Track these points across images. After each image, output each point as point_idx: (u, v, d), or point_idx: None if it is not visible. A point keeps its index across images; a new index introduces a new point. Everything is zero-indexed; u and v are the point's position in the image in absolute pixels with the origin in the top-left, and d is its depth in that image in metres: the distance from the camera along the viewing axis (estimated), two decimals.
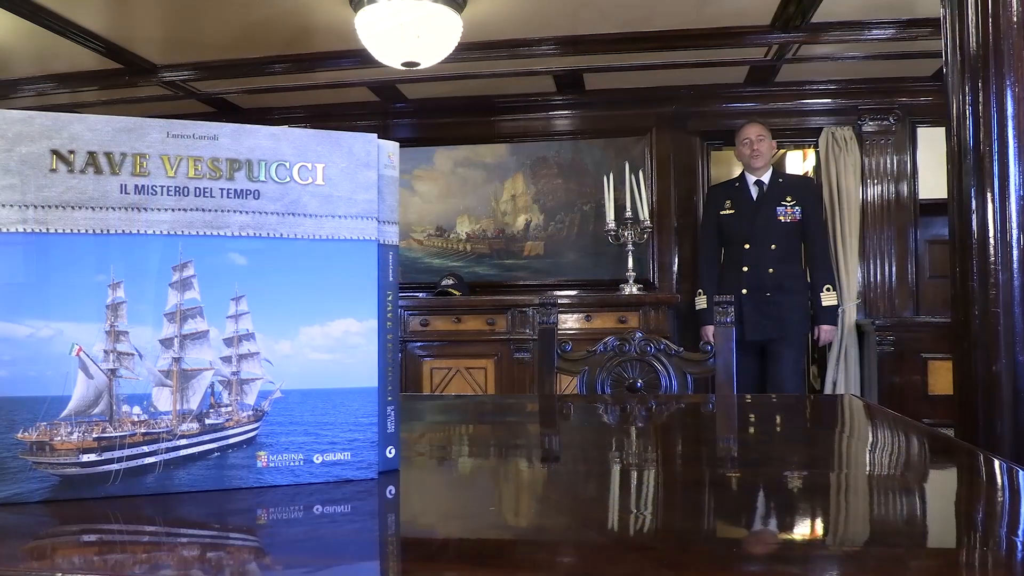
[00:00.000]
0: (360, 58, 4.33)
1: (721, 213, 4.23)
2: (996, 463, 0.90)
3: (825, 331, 4.18)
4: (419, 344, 4.63)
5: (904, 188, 5.05)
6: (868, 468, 0.93)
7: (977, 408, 1.55)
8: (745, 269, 4.05)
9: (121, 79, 4.87)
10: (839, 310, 4.35)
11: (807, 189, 4.30)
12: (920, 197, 5.01)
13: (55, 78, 4.97)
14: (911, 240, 5.03)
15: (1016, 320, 1.52)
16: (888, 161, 5.05)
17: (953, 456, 1.01)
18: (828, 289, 4.12)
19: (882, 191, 5.04)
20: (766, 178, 4.20)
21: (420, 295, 5.22)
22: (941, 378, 4.38)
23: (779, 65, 4.78)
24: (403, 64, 3.94)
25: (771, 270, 4.02)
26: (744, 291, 3.98)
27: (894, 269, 5.00)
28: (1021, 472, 0.83)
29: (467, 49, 4.20)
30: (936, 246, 5.08)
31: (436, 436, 1.16)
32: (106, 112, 5.58)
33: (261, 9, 3.98)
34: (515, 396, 2.74)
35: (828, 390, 4.79)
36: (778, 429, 1.23)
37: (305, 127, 5.86)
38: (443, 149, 5.54)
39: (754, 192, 4.18)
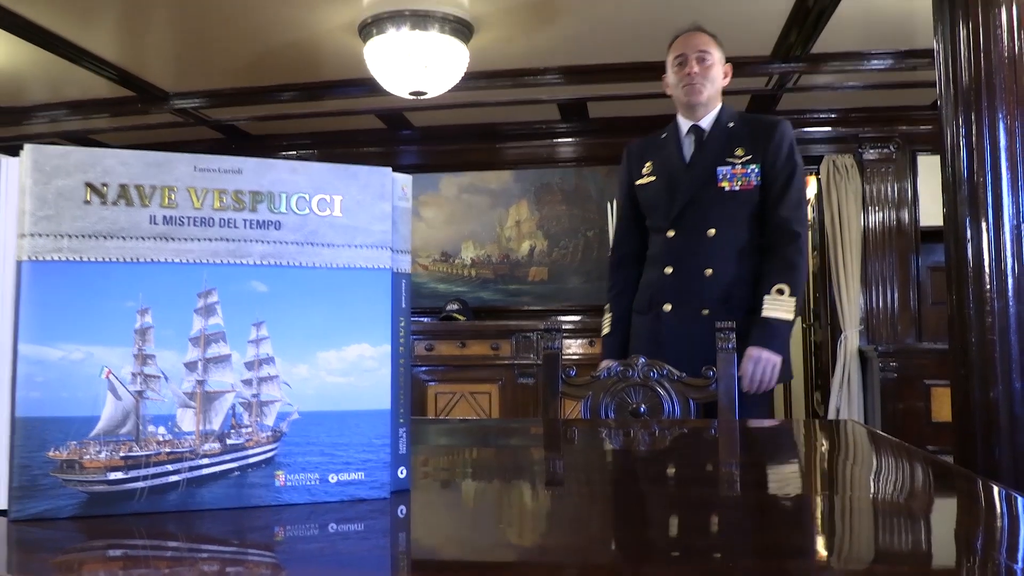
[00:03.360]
0: (368, 87, 4.41)
1: (637, 183, 2.49)
2: (995, 489, 0.91)
3: (759, 360, 2.20)
4: (424, 369, 4.66)
5: (905, 215, 5.10)
6: (863, 492, 0.95)
7: (975, 434, 1.57)
8: (668, 271, 2.35)
9: (133, 106, 4.96)
10: (787, 327, 2.27)
11: (771, 134, 2.32)
12: (921, 224, 5.06)
13: (68, 105, 5.06)
14: (913, 266, 5.07)
15: (1012, 347, 1.55)
16: (889, 188, 5.11)
17: (951, 482, 1.02)
18: (780, 292, 2.23)
19: (883, 218, 5.08)
20: (707, 122, 2.41)
21: (425, 320, 5.26)
22: (944, 404, 4.38)
23: (780, 94, 4.85)
24: (411, 93, 4.01)
25: (708, 271, 2.31)
26: (666, 307, 2.34)
27: (896, 295, 5.03)
28: (1020, 498, 0.84)
29: (473, 78, 4.28)
30: (938, 272, 5.11)
31: (444, 458, 1.19)
32: (118, 138, 5.69)
33: (272, 39, 4.07)
34: (520, 420, 2.77)
35: (832, 417, 4.79)
36: (776, 454, 1.25)
37: (313, 153, 5.98)
38: (449, 175, 5.62)
39: (687, 146, 2.42)
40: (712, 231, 2.32)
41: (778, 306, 2.22)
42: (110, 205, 0.73)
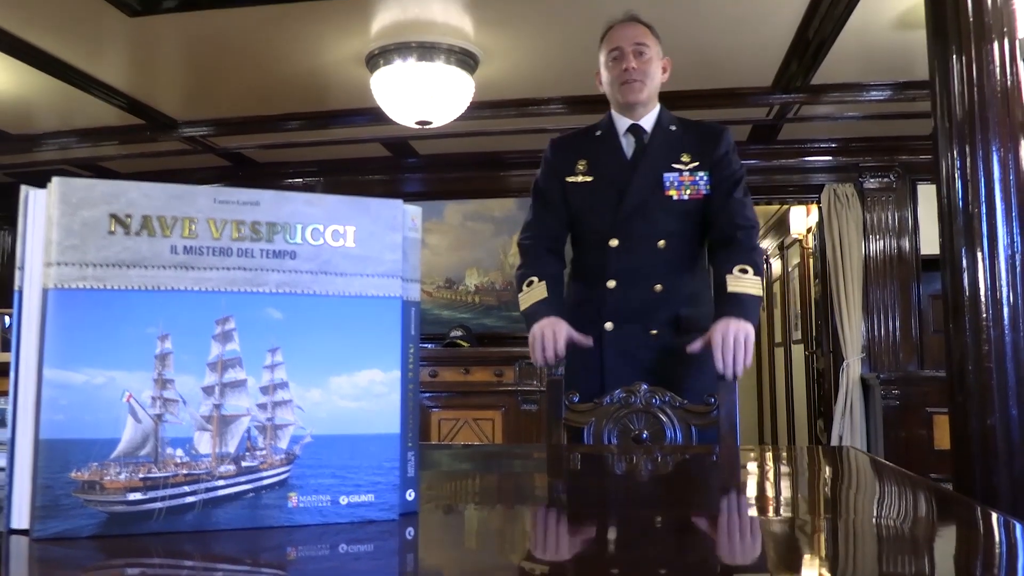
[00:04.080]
0: (374, 115, 4.48)
1: (568, 180, 2.18)
2: (993, 516, 0.92)
3: (727, 329, 1.88)
4: (428, 395, 4.67)
5: (906, 243, 5.13)
6: (860, 518, 0.97)
7: (973, 461, 1.59)
8: (611, 285, 2.09)
9: (142, 134, 5.03)
10: (756, 302, 2.00)
11: (718, 141, 2.13)
12: (922, 252, 5.09)
13: (77, 133, 5.13)
14: (914, 294, 5.09)
15: (1008, 375, 1.57)
16: (889, 217, 5.15)
17: (949, 508, 1.03)
18: (743, 272, 1.99)
19: (884, 246, 5.12)
20: (649, 121, 2.17)
21: (429, 346, 5.28)
22: (947, 432, 4.37)
23: (781, 124, 4.91)
24: (417, 123, 4.08)
25: (658, 287, 2.08)
26: (608, 325, 2.09)
27: (898, 323, 5.05)
28: (1018, 525, 0.85)
29: (478, 107, 4.34)
30: (939, 301, 5.10)
31: (450, 482, 1.21)
32: (126, 165, 5.76)
33: (280, 69, 4.14)
34: (524, 446, 2.79)
35: (835, 445, 4.79)
36: (772, 479, 1.27)
37: (319, 180, 6.02)
38: (453, 203, 5.67)
39: (627, 146, 2.17)
40: (662, 243, 2.08)
41: (743, 283, 1.97)
42: (133, 235, 0.76)
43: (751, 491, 1.18)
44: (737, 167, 2.12)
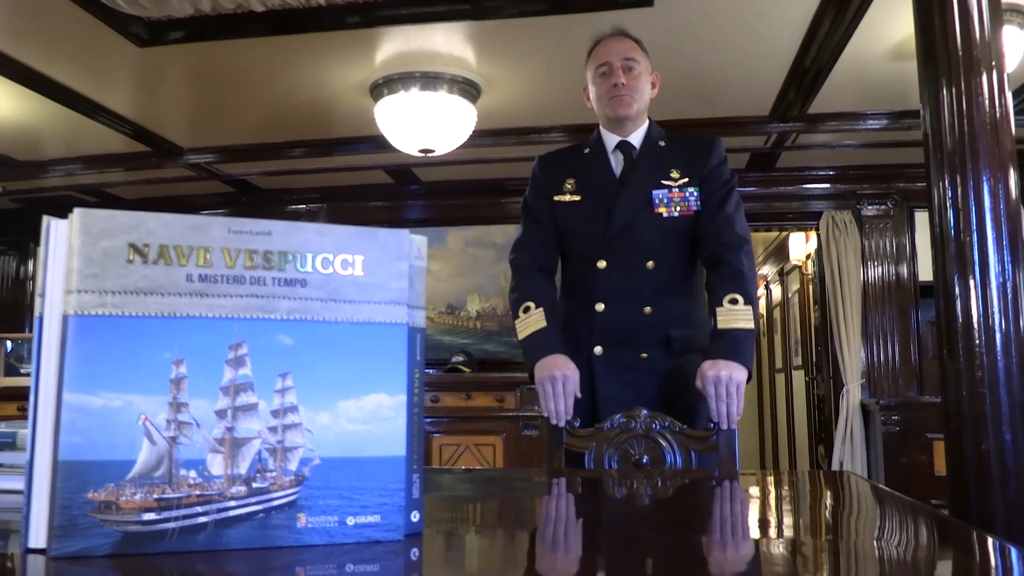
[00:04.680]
0: (377, 143, 4.54)
1: (556, 199, 2.14)
2: (989, 540, 0.94)
3: (718, 377, 1.81)
4: (429, 420, 4.68)
5: (904, 270, 5.17)
6: (856, 542, 0.99)
7: (969, 485, 1.61)
8: (600, 308, 2.05)
9: (148, 161, 5.09)
10: (749, 337, 1.92)
11: (708, 154, 2.08)
12: (920, 279, 5.12)
13: (84, 159, 5.19)
14: (913, 321, 5.12)
15: (1002, 400, 1.60)
16: (887, 244, 5.19)
17: (945, 532, 1.04)
18: (733, 302, 1.93)
19: (882, 273, 5.15)
20: (638, 137, 2.13)
21: (431, 371, 5.29)
22: None
23: (779, 152, 4.97)
24: (420, 151, 4.13)
25: (647, 309, 2.03)
26: (597, 349, 2.05)
27: (897, 349, 5.07)
28: (1013, 549, 0.86)
29: (480, 135, 4.41)
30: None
31: (454, 504, 1.23)
32: (131, 191, 5.82)
33: (285, 98, 4.20)
34: (525, 470, 2.80)
35: (835, 470, 4.78)
36: (770, 503, 1.29)
37: (322, 207, 6.07)
38: (454, 229, 5.72)
39: (616, 163, 2.13)
40: (651, 263, 2.03)
41: (733, 316, 1.90)
42: (151, 264, 0.79)
43: (749, 515, 1.20)
44: (727, 177, 2.06)
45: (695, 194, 2.03)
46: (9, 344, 5.05)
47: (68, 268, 0.78)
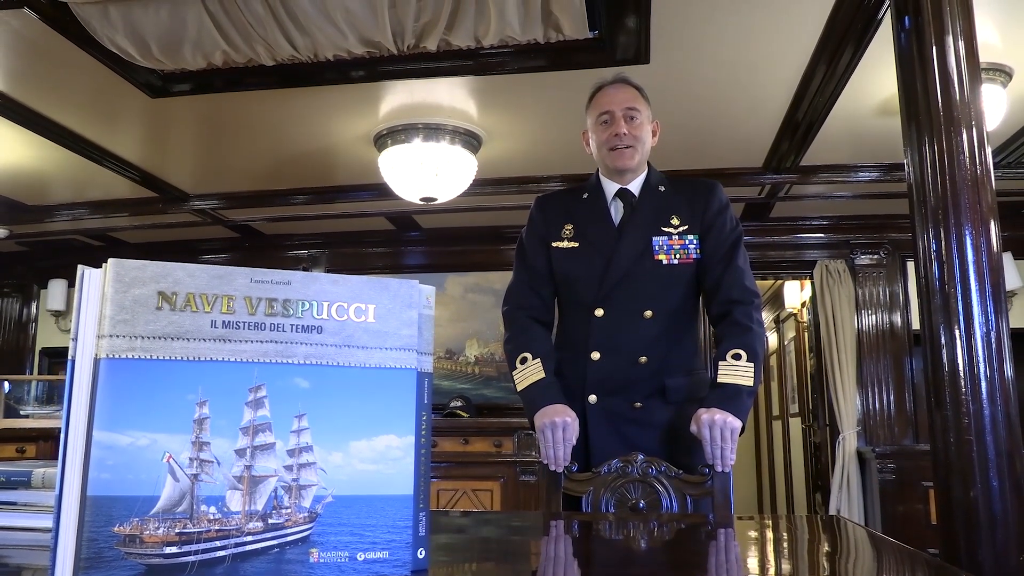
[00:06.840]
0: (379, 191, 4.63)
1: (554, 245, 2.14)
2: None
3: (713, 422, 1.82)
4: None
5: (897, 318, 5.23)
6: None
7: (958, 532, 1.64)
8: (595, 357, 2.03)
9: (154, 206, 5.17)
10: (748, 393, 1.91)
11: (709, 200, 2.09)
12: (913, 328, 5.18)
13: (90, 204, 5.26)
14: (907, 368, 5.16)
15: (988, 447, 1.64)
16: (881, 292, 5.26)
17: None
18: (736, 358, 1.93)
19: (876, 321, 5.21)
20: (637, 185, 2.13)
21: None
22: None
23: (773, 202, 5.07)
24: (421, 199, 4.22)
25: (643, 359, 2.02)
26: (592, 398, 2.02)
27: (892, 397, 5.10)
28: None
29: (480, 184, 4.50)
30: None
31: (458, 542, 1.26)
32: (136, 235, 5.89)
33: (290, 148, 4.31)
34: (524, 513, 2.81)
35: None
36: (764, 548, 1.33)
37: (323, 252, 6.13)
38: (454, 276, 5.79)
39: (615, 212, 2.13)
40: (649, 312, 2.01)
41: (734, 371, 1.90)
42: (178, 311, 0.85)
43: (744, 559, 1.24)
44: (733, 225, 2.06)
45: (695, 242, 2.03)
46: (7, 385, 5.06)
47: (100, 314, 0.83)
